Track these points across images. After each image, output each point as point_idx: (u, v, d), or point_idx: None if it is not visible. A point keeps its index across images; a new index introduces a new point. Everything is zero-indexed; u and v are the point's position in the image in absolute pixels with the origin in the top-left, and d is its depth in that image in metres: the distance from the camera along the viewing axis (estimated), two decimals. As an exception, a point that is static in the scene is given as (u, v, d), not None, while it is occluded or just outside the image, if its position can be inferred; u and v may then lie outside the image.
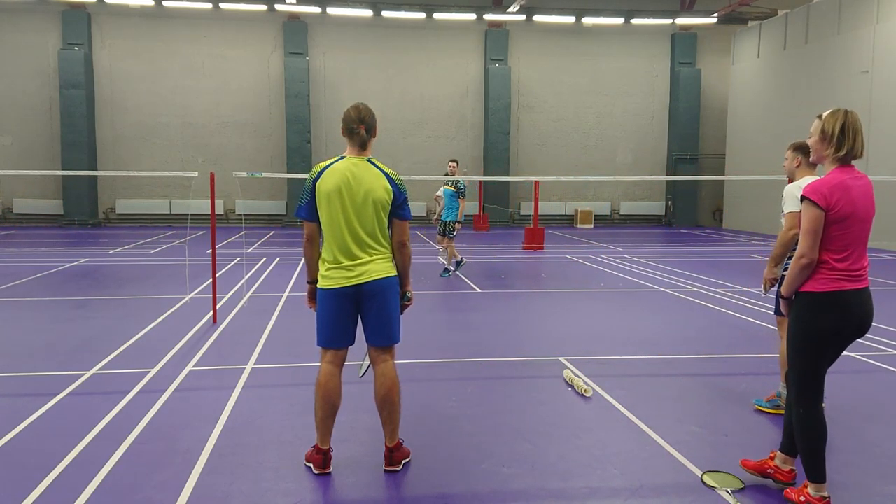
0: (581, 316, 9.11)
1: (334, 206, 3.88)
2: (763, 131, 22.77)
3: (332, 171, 3.92)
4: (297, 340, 7.43)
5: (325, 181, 3.90)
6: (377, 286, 3.92)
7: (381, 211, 3.93)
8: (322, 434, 4.04)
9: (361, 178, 3.90)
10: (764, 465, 3.98)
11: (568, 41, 26.03)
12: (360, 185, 3.88)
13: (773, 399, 5.13)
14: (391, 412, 4.07)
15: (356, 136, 3.93)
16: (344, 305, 3.94)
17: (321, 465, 4.01)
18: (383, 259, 3.98)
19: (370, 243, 3.93)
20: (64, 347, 7.06)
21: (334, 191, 3.87)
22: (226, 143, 24.67)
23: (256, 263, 13.63)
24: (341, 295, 3.92)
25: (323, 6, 23.25)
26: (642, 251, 16.90)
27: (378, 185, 3.91)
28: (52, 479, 3.91)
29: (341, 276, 3.90)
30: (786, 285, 3.72)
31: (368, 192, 3.89)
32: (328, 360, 4.07)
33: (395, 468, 4.07)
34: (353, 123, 3.92)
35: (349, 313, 3.99)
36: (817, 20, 20.51)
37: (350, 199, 3.88)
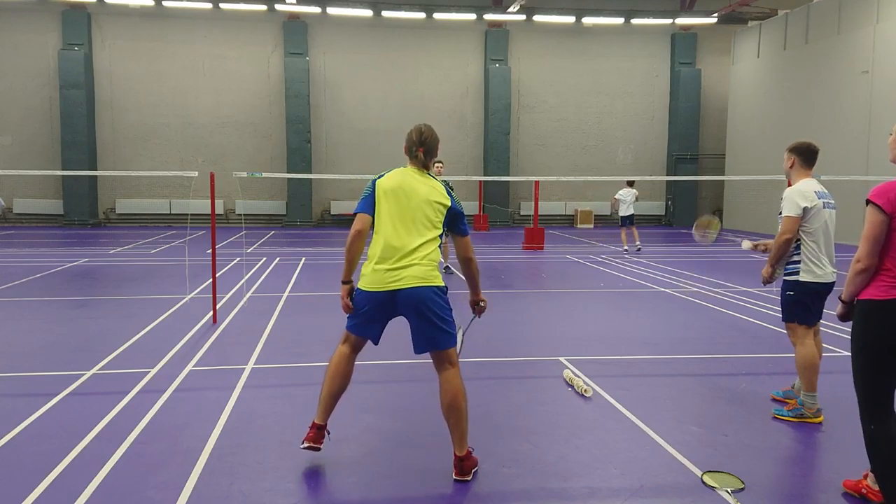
0: (581, 316, 9.11)
1: (391, 203, 4.00)
2: (763, 131, 22.78)
3: (394, 173, 4.12)
4: (297, 340, 7.43)
5: (387, 180, 4.08)
6: (413, 295, 3.89)
7: (434, 216, 3.99)
8: (321, 410, 4.10)
9: (420, 184, 4.04)
10: (858, 484, 3.80)
11: (568, 41, 26.03)
12: (418, 189, 4.02)
13: (796, 408, 5.00)
14: (458, 419, 3.97)
15: (416, 158, 4.10)
16: (378, 308, 3.98)
17: (311, 440, 4.05)
18: (427, 266, 3.94)
19: (416, 247, 3.93)
20: (64, 347, 7.07)
21: (392, 189, 4.02)
22: (226, 143, 24.66)
23: (256, 263, 13.63)
24: (376, 299, 3.95)
25: (323, 6, 23.25)
26: (642, 251, 16.89)
27: (435, 192, 4.04)
28: (52, 479, 3.90)
29: (380, 278, 3.92)
30: (845, 291, 3.54)
31: (425, 196, 4.00)
32: (347, 342, 4.14)
33: (466, 478, 3.96)
34: (414, 147, 4.11)
35: (382, 316, 4.03)
36: (817, 20, 20.51)
37: (406, 200, 3.99)
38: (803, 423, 4.90)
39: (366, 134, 25.03)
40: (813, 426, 4.87)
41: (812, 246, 4.90)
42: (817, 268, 4.90)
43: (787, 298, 5.01)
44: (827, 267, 4.95)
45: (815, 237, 4.90)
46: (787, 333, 5.12)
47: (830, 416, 5.02)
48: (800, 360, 4.95)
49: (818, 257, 4.91)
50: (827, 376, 5.11)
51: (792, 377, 5.56)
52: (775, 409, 5.13)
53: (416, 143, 4.09)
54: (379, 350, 7.07)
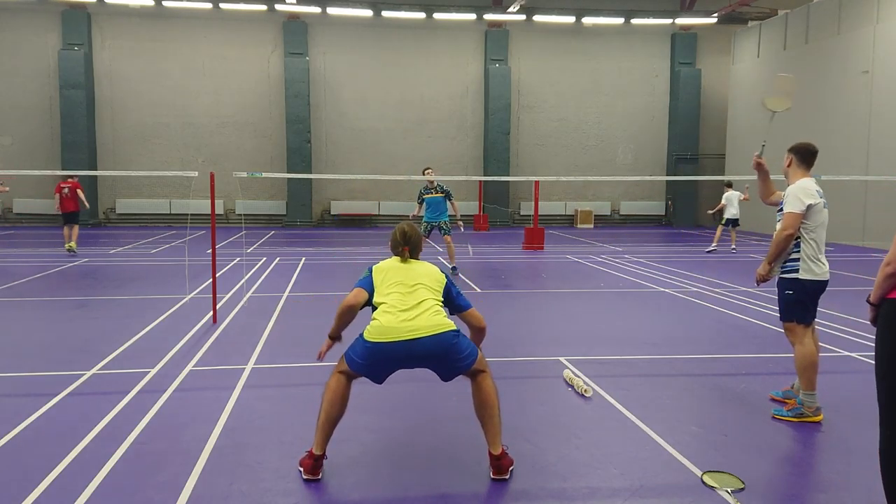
0: (581, 316, 9.11)
1: (391, 276, 4.12)
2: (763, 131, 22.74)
3: (386, 262, 4.27)
4: (297, 340, 7.43)
5: (383, 263, 4.23)
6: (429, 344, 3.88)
7: (434, 286, 4.11)
8: (319, 439, 3.98)
9: (416, 265, 4.23)
10: None
11: (568, 41, 26.02)
12: (415, 267, 4.20)
13: (796, 407, 5.00)
14: (491, 417, 4.01)
15: (402, 255, 4.25)
16: (391, 360, 3.94)
17: (310, 471, 3.94)
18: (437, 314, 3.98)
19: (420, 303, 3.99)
20: (64, 347, 7.07)
21: (391, 267, 4.18)
22: (226, 143, 24.66)
23: (256, 263, 13.63)
24: (387, 352, 3.89)
25: (323, 6, 23.24)
26: (642, 251, 16.90)
27: (431, 270, 4.21)
28: (52, 479, 3.90)
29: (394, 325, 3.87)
30: (873, 293, 3.43)
31: (422, 272, 4.17)
32: (344, 373, 4.04)
33: (504, 476, 3.97)
34: (399, 246, 4.26)
35: (395, 367, 4.01)
36: (817, 20, 20.51)
37: (405, 273, 4.14)
38: (803, 423, 4.91)
39: (366, 134, 25.03)
40: (812, 426, 4.88)
41: (812, 244, 4.90)
42: (816, 266, 4.91)
43: (787, 298, 5.00)
44: (824, 265, 4.95)
45: (815, 235, 4.91)
46: (785, 333, 5.11)
47: (830, 415, 5.03)
48: (799, 359, 4.95)
49: (817, 255, 4.91)
50: (825, 375, 5.12)
51: (791, 377, 5.56)
52: (775, 409, 5.13)
53: (400, 243, 4.25)
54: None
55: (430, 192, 12.52)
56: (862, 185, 18.09)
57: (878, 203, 17.93)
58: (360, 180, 24.52)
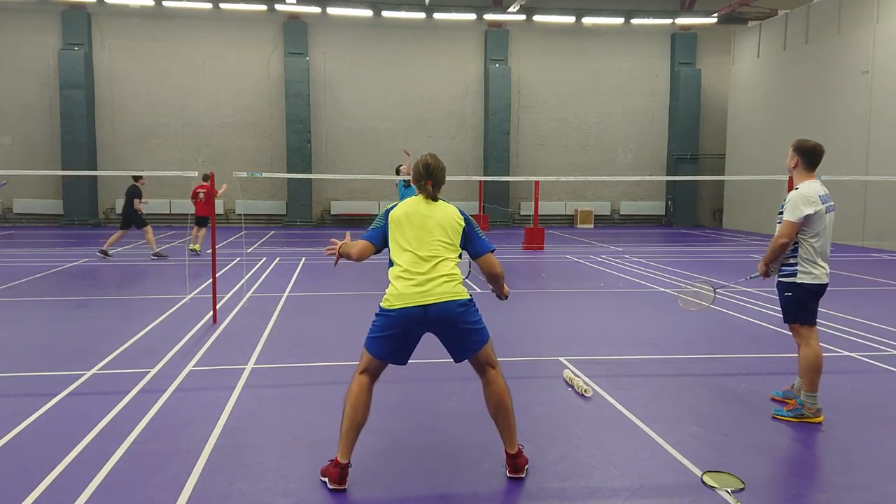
0: (581, 316, 9.11)
1: (405, 229, 3.96)
2: (763, 131, 22.77)
3: (405, 202, 4.08)
4: (297, 340, 7.44)
5: (398, 209, 4.05)
6: (444, 310, 3.84)
7: (449, 237, 3.97)
8: (344, 447, 3.87)
9: (433, 209, 4.03)
10: None
11: (568, 41, 26.02)
12: (431, 214, 4.00)
13: (796, 408, 4.99)
14: (506, 417, 4.00)
15: (424, 189, 4.07)
16: (409, 326, 3.86)
17: (337, 480, 3.82)
18: (451, 281, 3.90)
19: (436, 265, 3.90)
20: (64, 347, 7.07)
21: (405, 216, 3.99)
22: (226, 143, 24.65)
23: (256, 263, 13.63)
24: (407, 316, 3.83)
25: (323, 6, 23.24)
26: (642, 251, 16.89)
27: (449, 215, 4.02)
28: (52, 479, 3.90)
29: (409, 292, 3.82)
30: None
31: (438, 220, 3.99)
32: (366, 372, 3.96)
33: (520, 475, 3.99)
34: (421, 179, 4.08)
35: (413, 335, 3.94)
36: (817, 20, 20.51)
37: (420, 223, 3.96)
38: (803, 423, 4.90)
39: (366, 134, 25.02)
40: (813, 426, 4.87)
41: (810, 249, 4.89)
42: (815, 269, 4.90)
43: (786, 300, 5.00)
44: (823, 268, 4.94)
45: (814, 241, 4.88)
46: (792, 335, 5.11)
47: (830, 415, 5.03)
48: (804, 360, 4.94)
49: (815, 260, 4.89)
50: (826, 376, 5.11)
51: (791, 377, 5.56)
52: (775, 409, 5.13)
53: (423, 176, 4.06)
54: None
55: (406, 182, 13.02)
56: (862, 185, 18.09)
57: (878, 203, 17.93)
58: (360, 180, 24.51)
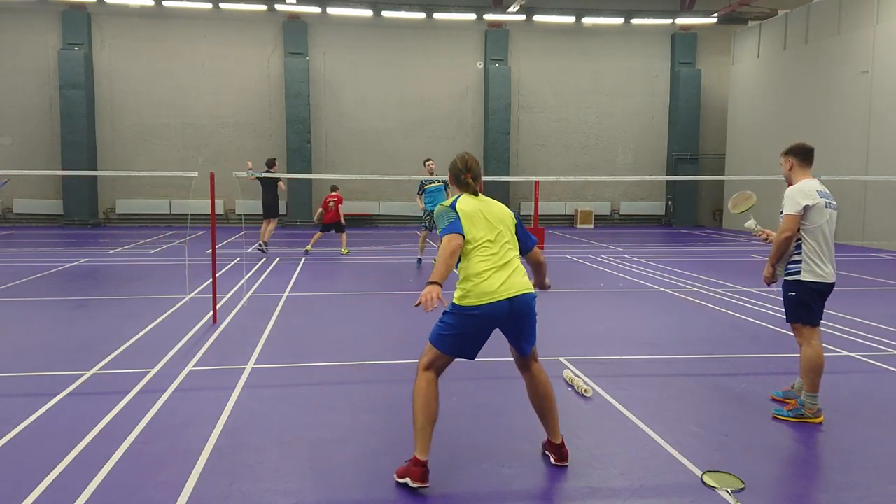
0: (581, 316, 9.11)
1: (478, 225, 3.98)
2: (763, 131, 22.77)
3: (464, 199, 4.06)
4: (297, 341, 7.44)
5: (464, 204, 4.02)
6: (525, 302, 3.94)
7: (512, 232, 4.10)
8: (421, 444, 3.86)
9: (492, 205, 4.11)
10: None
11: (568, 41, 26.02)
12: (493, 210, 4.09)
13: (796, 408, 4.99)
14: (552, 408, 4.14)
15: (466, 185, 4.11)
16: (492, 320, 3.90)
17: (420, 479, 3.80)
18: (524, 275, 4.03)
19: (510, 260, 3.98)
20: (64, 347, 7.07)
21: (475, 212, 4.01)
22: (226, 143, 24.65)
23: (256, 263, 13.63)
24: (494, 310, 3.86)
25: (323, 6, 23.24)
26: (642, 251, 16.90)
27: (503, 210, 4.14)
28: (52, 479, 3.90)
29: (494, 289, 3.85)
30: None
31: (500, 215, 4.09)
32: (432, 368, 4.00)
33: (566, 463, 4.15)
34: (461, 174, 4.12)
35: (491, 329, 3.98)
36: (817, 20, 20.51)
37: (489, 220, 4.01)
38: (803, 423, 4.90)
39: (366, 134, 25.03)
40: (813, 426, 4.87)
41: (813, 245, 4.90)
42: (818, 268, 4.90)
43: (790, 299, 5.00)
44: (828, 267, 4.95)
45: (816, 236, 4.90)
46: (794, 335, 5.11)
47: (830, 415, 5.03)
48: (805, 360, 4.95)
49: (819, 257, 4.90)
50: (826, 376, 5.11)
51: (792, 377, 5.56)
52: (775, 409, 5.13)
53: (462, 171, 4.12)
54: (378, 350, 7.09)
55: (431, 182, 13.02)
56: (862, 185, 18.09)
57: (878, 203, 17.93)
58: (360, 180, 24.51)
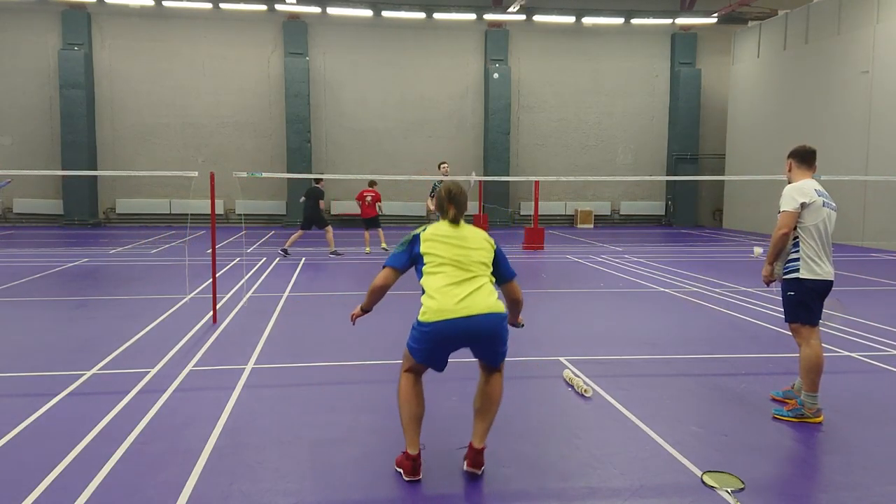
0: (581, 316, 9.11)
1: (440, 248, 3.97)
2: (763, 131, 22.77)
3: (435, 225, 4.12)
4: (297, 341, 7.44)
5: (428, 231, 4.07)
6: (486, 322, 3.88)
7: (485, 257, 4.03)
8: (409, 439, 3.97)
9: (464, 230, 4.08)
10: None
11: (568, 41, 26.02)
12: (465, 234, 4.06)
13: (796, 408, 4.99)
14: (489, 411, 4.09)
15: (446, 214, 4.11)
16: (450, 339, 3.90)
17: (411, 472, 3.94)
18: (490, 295, 3.95)
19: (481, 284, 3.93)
20: (64, 347, 7.07)
21: (441, 236, 4.02)
22: (226, 143, 24.65)
23: (256, 263, 13.63)
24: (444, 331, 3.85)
25: (323, 6, 23.24)
26: (642, 251, 16.89)
27: (480, 235, 4.11)
28: (52, 479, 3.90)
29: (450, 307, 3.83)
30: None
31: (473, 241, 4.05)
32: (410, 370, 4.08)
33: (478, 471, 4.04)
34: (444, 203, 4.13)
35: (451, 349, 3.98)
36: (817, 20, 20.51)
37: (457, 244, 3.99)
38: (803, 423, 4.90)
39: (366, 134, 25.02)
40: (813, 426, 4.88)
41: (810, 243, 4.90)
42: (816, 266, 4.90)
43: (789, 299, 5.00)
44: (826, 265, 4.95)
45: (813, 234, 4.90)
46: (792, 334, 5.11)
47: (830, 415, 5.03)
48: (804, 360, 4.95)
49: (817, 255, 4.91)
50: (826, 376, 5.11)
51: (792, 377, 5.56)
52: (775, 409, 5.13)
53: (445, 200, 4.12)
54: (378, 350, 7.09)
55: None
56: (862, 185, 18.09)
57: (878, 203, 17.93)
58: (360, 180, 24.46)
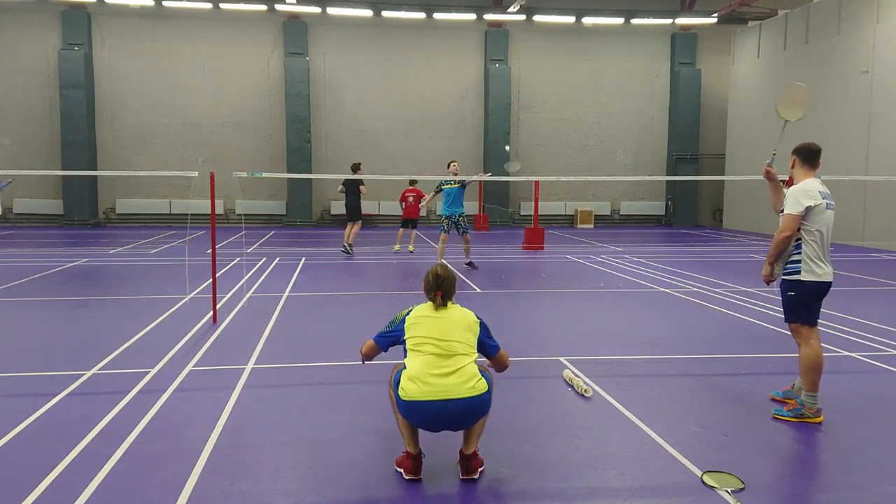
0: (581, 316, 9.11)
1: (423, 329, 4.00)
2: (763, 131, 22.76)
3: (421, 307, 4.15)
4: (297, 341, 7.44)
5: (416, 312, 4.11)
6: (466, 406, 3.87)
7: (469, 338, 4.02)
8: (406, 439, 4.01)
9: (450, 311, 4.11)
10: None
11: (568, 41, 26.02)
12: (449, 316, 4.07)
13: (796, 408, 4.99)
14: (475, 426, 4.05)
15: (435, 300, 4.12)
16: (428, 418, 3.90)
17: (411, 471, 3.96)
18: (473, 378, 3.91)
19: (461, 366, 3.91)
20: (64, 347, 7.07)
21: (424, 317, 4.05)
22: (226, 143, 24.66)
23: (256, 263, 13.63)
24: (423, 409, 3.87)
25: (323, 6, 23.24)
26: (642, 251, 16.89)
27: (465, 319, 4.09)
28: (52, 479, 3.90)
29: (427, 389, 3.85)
30: None
31: (458, 320, 4.06)
32: None
33: (473, 476, 4.01)
34: (432, 290, 4.13)
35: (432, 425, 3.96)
36: (817, 20, 20.51)
37: (439, 325, 4.01)
38: (803, 423, 4.90)
39: (366, 134, 25.03)
40: (813, 426, 4.88)
41: (813, 245, 4.90)
42: (818, 267, 4.90)
43: (789, 299, 5.00)
44: (826, 266, 4.95)
45: (816, 237, 4.89)
46: (792, 334, 5.11)
47: (830, 415, 5.03)
48: (804, 360, 4.94)
49: (819, 257, 4.90)
50: (826, 376, 5.11)
51: (792, 377, 5.56)
52: (775, 409, 5.13)
53: (434, 287, 4.12)
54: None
55: (449, 182, 13.08)
56: (862, 185, 18.09)
57: (878, 203, 17.93)
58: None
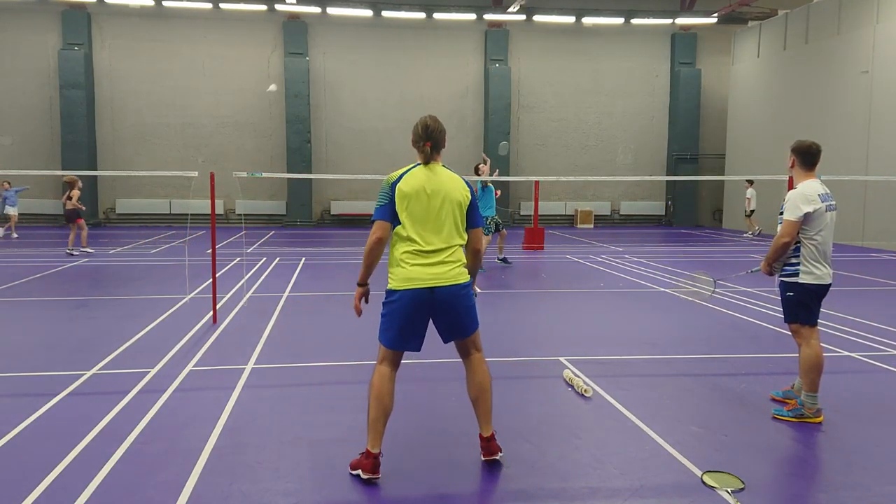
0: (581, 316, 9.11)
1: (414, 207, 3.92)
2: (763, 131, 22.77)
3: (411, 175, 4.00)
4: (297, 341, 7.44)
5: (405, 183, 3.95)
6: (449, 293, 3.92)
7: (459, 213, 4.00)
8: (373, 437, 3.95)
9: (442, 182, 4.00)
10: None
11: (568, 41, 26.03)
12: (441, 189, 3.98)
13: (796, 408, 4.99)
14: (486, 401, 4.10)
15: (423, 152, 4.06)
16: (417, 309, 3.91)
17: (371, 470, 3.90)
18: (456, 264, 3.98)
19: (444, 248, 3.94)
20: (64, 347, 7.07)
21: (414, 193, 3.93)
22: (226, 143, 24.66)
23: (256, 263, 13.63)
24: (416, 297, 3.88)
25: (323, 6, 23.25)
26: (642, 251, 16.89)
27: (457, 189, 4.02)
28: (52, 479, 3.90)
29: (418, 275, 3.86)
30: None
31: (450, 195, 3.98)
32: (385, 361, 4.06)
33: (495, 456, 4.07)
34: (420, 141, 4.05)
35: (422, 319, 3.97)
36: (817, 20, 20.51)
37: (430, 203, 3.94)
38: (803, 423, 4.90)
39: (366, 134, 25.03)
40: (813, 426, 4.87)
41: (812, 248, 4.89)
42: (817, 269, 4.89)
43: (788, 299, 5.00)
44: (826, 268, 4.94)
45: (816, 240, 4.88)
46: (792, 335, 5.11)
47: (830, 415, 5.03)
48: (804, 360, 4.94)
49: (818, 259, 4.89)
50: (826, 376, 5.11)
51: (792, 377, 5.56)
52: (775, 409, 5.12)
53: (422, 138, 4.03)
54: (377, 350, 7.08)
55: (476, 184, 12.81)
56: (862, 185, 18.09)
57: (878, 203, 17.93)
58: (360, 180, 24.50)
